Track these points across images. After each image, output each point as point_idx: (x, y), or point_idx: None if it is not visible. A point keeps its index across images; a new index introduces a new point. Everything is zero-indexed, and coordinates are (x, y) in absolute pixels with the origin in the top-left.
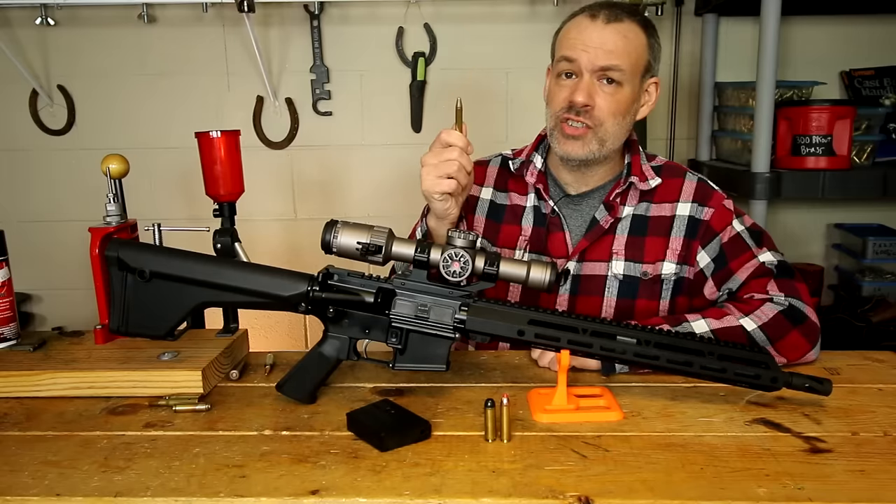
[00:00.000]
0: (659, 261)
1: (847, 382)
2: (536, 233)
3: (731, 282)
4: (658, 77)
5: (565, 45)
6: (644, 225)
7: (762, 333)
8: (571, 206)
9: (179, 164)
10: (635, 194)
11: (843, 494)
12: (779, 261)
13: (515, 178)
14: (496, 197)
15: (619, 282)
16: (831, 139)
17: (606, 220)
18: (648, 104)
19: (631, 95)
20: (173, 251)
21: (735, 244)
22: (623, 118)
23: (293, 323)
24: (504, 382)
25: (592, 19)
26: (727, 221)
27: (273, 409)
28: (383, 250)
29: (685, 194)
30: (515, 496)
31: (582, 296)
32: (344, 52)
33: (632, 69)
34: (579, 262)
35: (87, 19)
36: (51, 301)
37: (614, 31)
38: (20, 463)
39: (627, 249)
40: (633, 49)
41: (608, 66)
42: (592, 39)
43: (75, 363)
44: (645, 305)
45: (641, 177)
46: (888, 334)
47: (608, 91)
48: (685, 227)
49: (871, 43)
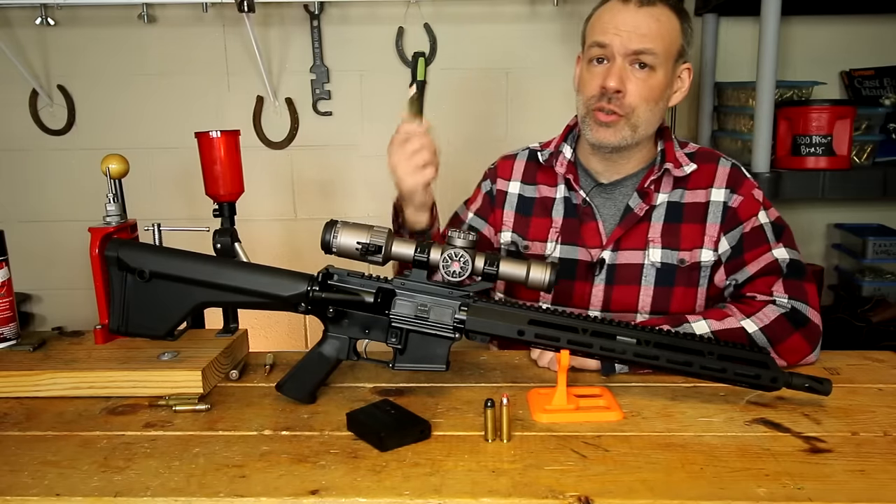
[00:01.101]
0: (696, 248)
1: (847, 382)
2: (568, 224)
3: (739, 273)
4: (690, 63)
5: (597, 30)
6: (679, 212)
7: (763, 336)
8: (604, 195)
9: (179, 164)
10: (669, 181)
11: (843, 494)
12: (791, 259)
13: (544, 170)
14: (524, 190)
15: (657, 270)
16: (831, 139)
17: (641, 207)
18: (681, 90)
19: (664, 80)
20: (173, 251)
21: (755, 236)
22: (656, 104)
23: (293, 323)
24: (504, 382)
25: (625, 3)
26: (753, 212)
27: (273, 409)
28: (383, 250)
29: (719, 180)
30: (515, 496)
31: (618, 285)
32: (344, 52)
33: (665, 53)
34: (614, 251)
35: (87, 19)
36: (51, 301)
37: (647, 15)
38: (20, 463)
39: (664, 237)
40: (666, 33)
41: (641, 49)
42: (626, 23)
43: (75, 363)
44: (682, 293)
45: (676, 163)
46: (888, 334)
47: (640, 76)
48: (721, 214)
49: (871, 43)
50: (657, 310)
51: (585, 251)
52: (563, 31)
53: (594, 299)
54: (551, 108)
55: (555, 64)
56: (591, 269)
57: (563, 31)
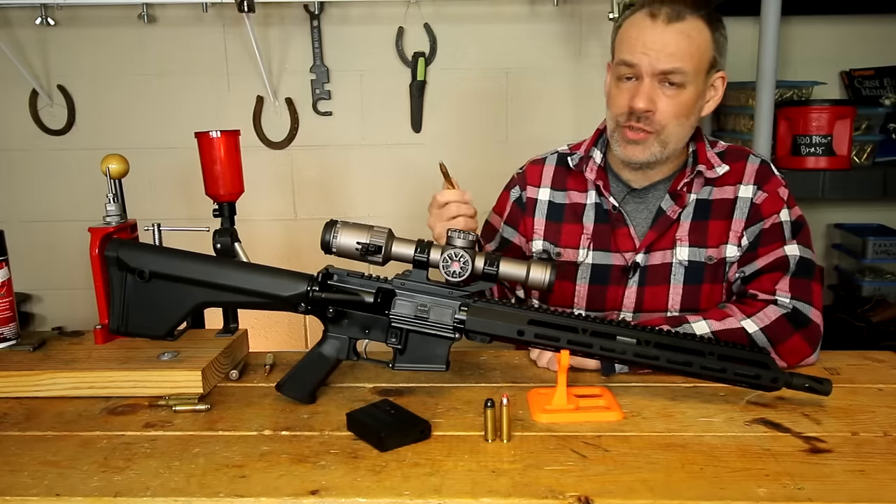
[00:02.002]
0: (722, 244)
1: (847, 382)
2: (599, 230)
3: (749, 266)
4: (724, 71)
5: (625, 48)
6: (707, 208)
7: (764, 336)
8: (636, 200)
9: (179, 164)
10: (700, 181)
11: (843, 494)
12: (802, 257)
13: (574, 175)
14: (554, 197)
15: (685, 268)
16: (831, 139)
17: (673, 210)
18: (714, 99)
19: (694, 95)
20: (173, 251)
21: (773, 232)
22: (686, 119)
23: (293, 323)
24: (504, 382)
25: (653, 19)
26: (776, 209)
27: (273, 409)
28: (383, 250)
29: (747, 176)
30: (515, 496)
31: (649, 286)
32: (344, 52)
33: (695, 70)
34: (646, 252)
35: (87, 19)
36: (51, 301)
37: (676, 32)
38: (20, 463)
39: (691, 234)
40: (696, 49)
41: (670, 69)
42: (655, 42)
43: (75, 363)
44: (709, 290)
45: (708, 164)
46: (888, 334)
47: (670, 94)
48: (747, 210)
49: (871, 43)
50: (686, 308)
51: (619, 256)
52: (563, 31)
53: (627, 301)
54: (551, 107)
55: (555, 64)
56: (625, 273)
57: (563, 31)
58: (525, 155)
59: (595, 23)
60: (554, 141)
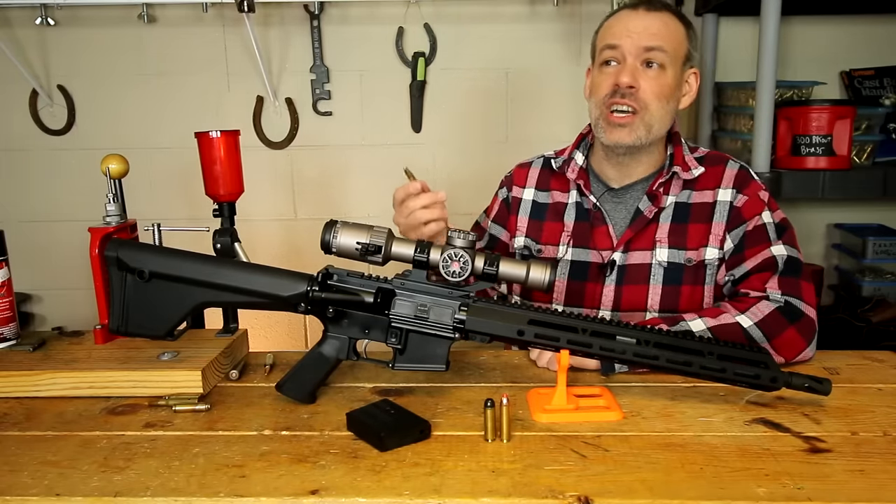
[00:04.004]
0: (702, 247)
1: (847, 382)
2: (579, 227)
3: (737, 269)
4: (697, 69)
5: (608, 35)
6: (686, 212)
7: (759, 330)
8: (615, 200)
9: (179, 164)
10: (678, 184)
11: (843, 494)
12: (789, 256)
13: (557, 177)
14: (538, 196)
15: (664, 269)
16: (831, 139)
17: (650, 209)
18: (689, 94)
19: (674, 80)
20: (173, 251)
21: (757, 234)
22: (667, 102)
23: (293, 323)
24: (504, 382)
25: (633, 9)
26: (757, 211)
27: (273, 409)
28: (383, 250)
29: (726, 180)
30: (515, 496)
31: (627, 285)
32: (344, 52)
33: (674, 53)
34: (624, 252)
35: (87, 19)
36: (51, 301)
37: (656, 18)
38: (20, 463)
39: (671, 236)
40: (673, 36)
41: (652, 45)
42: (637, 25)
43: (75, 363)
44: (690, 291)
45: (684, 166)
46: (888, 334)
47: (652, 75)
48: (726, 213)
49: (871, 43)
50: (666, 308)
51: (597, 253)
52: (563, 31)
53: (605, 299)
54: (551, 107)
55: (555, 64)
56: (602, 271)
57: (563, 31)
58: (525, 155)
59: (595, 23)
60: (554, 141)
